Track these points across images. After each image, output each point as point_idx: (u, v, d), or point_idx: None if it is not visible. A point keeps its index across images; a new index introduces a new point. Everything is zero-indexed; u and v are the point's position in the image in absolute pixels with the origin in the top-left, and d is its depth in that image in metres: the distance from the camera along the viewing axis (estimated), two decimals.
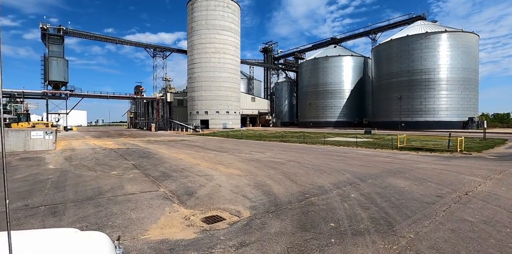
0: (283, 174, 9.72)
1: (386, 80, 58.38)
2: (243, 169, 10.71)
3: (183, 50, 70.23)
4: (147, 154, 15.54)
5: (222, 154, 15.94)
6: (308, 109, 76.22)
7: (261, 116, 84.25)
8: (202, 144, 23.09)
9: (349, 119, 70.48)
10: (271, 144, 23.42)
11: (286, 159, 13.60)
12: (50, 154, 14.94)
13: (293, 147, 20.46)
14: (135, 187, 7.90)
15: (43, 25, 54.19)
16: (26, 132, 16.37)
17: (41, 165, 11.33)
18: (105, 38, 62.12)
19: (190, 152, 17.07)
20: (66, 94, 57.22)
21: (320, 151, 17.49)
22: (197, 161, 12.91)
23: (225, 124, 58.53)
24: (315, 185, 8.02)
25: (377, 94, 62.40)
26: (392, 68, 57.21)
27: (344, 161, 12.64)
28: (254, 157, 14.32)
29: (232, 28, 59.54)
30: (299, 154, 15.77)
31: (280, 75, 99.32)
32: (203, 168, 10.98)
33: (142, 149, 18.95)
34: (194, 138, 32.02)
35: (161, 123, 64.52)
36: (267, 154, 15.60)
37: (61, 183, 8.28)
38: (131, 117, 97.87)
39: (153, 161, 12.94)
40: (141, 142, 25.67)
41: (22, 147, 16.31)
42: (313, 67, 75.02)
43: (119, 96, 63.77)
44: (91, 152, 15.95)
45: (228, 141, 27.49)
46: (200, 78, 58.38)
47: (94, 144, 22.17)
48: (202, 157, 14.57)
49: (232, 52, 59.78)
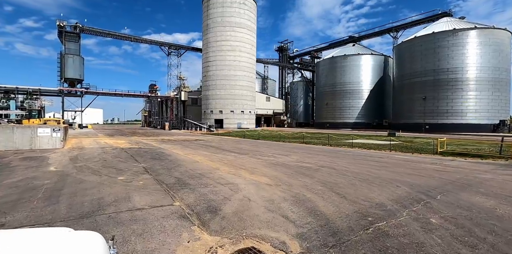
0: (323, 184, 7.98)
1: (409, 79, 55.51)
2: (271, 176, 9.04)
3: (198, 48, 69.26)
4: (160, 155, 14.10)
5: (242, 156, 14.32)
6: (325, 109, 73.86)
7: (276, 116, 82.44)
8: (218, 145, 21.58)
9: (367, 120, 67.74)
10: (293, 145, 21.66)
11: (317, 164, 11.84)
12: (56, 153, 13.72)
13: (317, 149, 18.64)
14: (145, 198, 6.36)
15: (60, 22, 54.20)
16: (32, 129, 15.26)
17: (41, 167, 10.00)
18: (120, 36, 61.78)
19: (206, 153, 15.54)
20: (82, 91, 57.12)
21: (350, 154, 15.62)
22: (215, 165, 11.33)
23: (239, 124, 57.05)
24: (372, 202, 6.26)
25: (398, 94, 59.54)
26: (415, 67, 54.32)
27: (387, 168, 10.78)
28: (279, 161, 12.63)
29: (248, 26, 58.00)
30: (329, 158, 13.97)
31: (295, 74, 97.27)
32: (224, 174, 9.38)
33: (155, 149, 17.57)
34: (209, 138, 30.60)
35: (175, 122, 63.73)
36: (293, 158, 13.88)
37: (56, 191, 6.82)
38: (145, 115, 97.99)
39: (166, 163, 11.44)
40: (154, 142, 24.41)
41: (28, 145, 15.20)
42: (330, 66, 72.63)
43: (134, 94, 63.39)
44: (100, 152, 14.65)
45: (245, 141, 25.90)
46: (215, 76, 57.10)
47: (105, 143, 20.99)
48: (220, 159, 12.99)
49: (248, 50, 58.23)
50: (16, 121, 28.48)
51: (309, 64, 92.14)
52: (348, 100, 69.13)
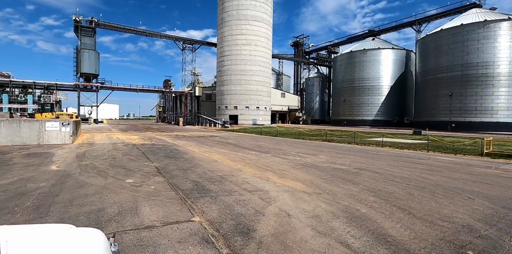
0: (373, 193, 6.45)
1: (434, 75, 52.49)
2: (305, 181, 7.57)
3: (213, 43, 68.09)
4: (174, 153, 12.84)
5: (265, 155, 12.89)
6: (342, 106, 71.43)
7: (291, 112, 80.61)
8: (236, 142, 20.23)
9: (387, 117, 64.98)
10: (315, 143, 20.06)
11: (353, 166, 10.28)
12: (63, 149, 12.70)
13: (344, 148, 17.00)
14: (156, 210, 5.03)
15: (76, 17, 54.04)
16: (40, 123, 14.32)
17: (42, 165, 8.90)
18: (135, 31, 61.26)
19: (224, 151, 14.20)
20: (97, 86, 57.04)
21: (384, 154, 13.94)
22: (237, 165, 9.95)
23: (254, 120, 55.64)
24: (453, 222, 4.70)
25: (421, 90, 56.57)
26: (441, 61, 51.25)
27: (439, 173, 9.11)
28: (307, 162, 11.13)
29: (264, 19, 56.19)
30: (363, 158, 12.35)
31: (311, 70, 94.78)
32: (249, 177, 7.98)
33: (169, 145, 16.39)
34: (225, 134, 29.35)
35: (189, 117, 63.01)
36: (321, 157, 12.34)
37: (50, 198, 5.59)
38: (159, 111, 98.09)
39: (181, 163, 10.15)
40: (168, 137, 23.34)
41: (36, 140, 14.29)
42: (348, 61, 70.00)
43: (148, 89, 62.99)
44: (110, 148, 13.55)
45: (263, 138, 24.47)
46: (229, 71, 55.74)
47: (117, 139, 20.01)
48: (241, 159, 11.61)
49: (264, 44, 56.51)
50: (29, 115, 28.15)
51: (326, 59, 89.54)
52: (367, 96, 66.47)
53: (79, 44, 55.36)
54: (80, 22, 54.49)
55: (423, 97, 55.57)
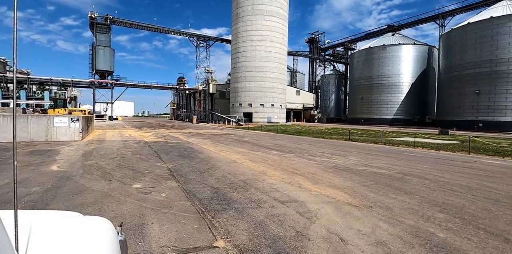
0: (439, 208, 5.09)
1: (459, 71, 49.67)
2: (346, 189, 6.28)
3: (227, 39, 67.13)
4: (189, 152, 11.76)
5: (288, 156, 11.63)
6: (360, 104, 69.12)
7: (306, 110, 78.84)
8: (253, 140, 19.04)
9: (408, 116, 62.36)
10: (338, 143, 18.63)
11: (393, 169, 8.90)
12: (70, 147, 11.83)
13: (372, 148, 15.53)
14: (167, 229, 3.87)
15: (92, 14, 54.10)
16: (48, 118, 13.54)
17: (42, 165, 7.95)
18: (149, 27, 60.94)
19: (242, 150, 13.03)
20: (112, 83, 57.08)
21: (420, 156, 12.41)
22: (259, 167, 8.75)
23: (269, 118, 54.33)
24: None
25: (445, 88, 53.79)
26: (467, 57, 48.41)
27: (503, 181, 7.62)
28: (338, 164, 9.81)
29: (280, 14, 54.61)
30: (400, 160, 10.91)
31: (326, 67, 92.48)
32: (276, 182, 6.76)
33: (182, 143, 15.36)
34: (240, 132, 28.24)
35: (202, 115, 62.36)
36: (352, 159, 10.98)
37: (37, 208, 4.53)
38: (173, 108, 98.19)
39: (197, 164, 9.02)
40: (182, 135, 22.40)
41: (44, 136, 13.53)
42: (366, 58, 67.56)
43: (162, 86, 62.71)
44: (120, 146, 12.61)
45: (281, 137, 23.19)
46: (244, 68, 54.54)
47: (129, 136, 19.18)
48: (263, 159, 10.40)
49: (280, 40, 54.98)
50: (41, 111, 28.00)
51: (342, 56, 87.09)
52: (386, 94, 63.98)
53: (95, 41, 55.47)
54: (96, 19, 54.54)
55: (447, 95, 52.80)
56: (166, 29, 62.38)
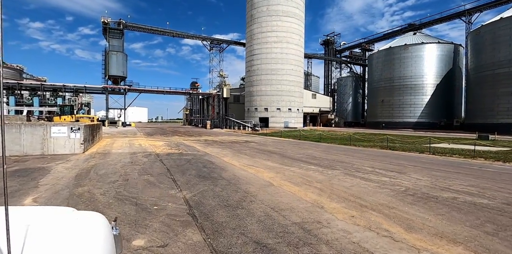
0: None
1: (492, 70, 46.04)
2: (469, 244, 3.89)
3: (241, 42, 65.46)
4: (209, 169, 9.55)
5: (332, 173, 9.25)
6: (380, 107, 65.79)
7: (322, 114, 75.93)
8: (278, 149, 16.72)
9: (433, 119, 58.66)
10: (377, 152, 16.08)
11: (489, 196, 6.42)
12: (67, 163, 9.83)
13: (424, 160, 12.94)
14: None
15: (104, 19, 53.48)
16: (44, 128, 11.59)
17: (16, 196, 5.86)
18: (162, 31, 59.95)
19: (272, 164, 10.74)
20: (125, 89, 56.12)
21: (498, 172, 9.80)
22: (307, 193, 6.44)
23: (286, 123, 51.88)
24: None
25: (475, 89, 50.12)
26: (500, 55, 44.81)
27: None
28: (405, 185, 7.39)
29: (297, 14, 52.44)
30: (479, 179, 8.38)
31: (343, 69, 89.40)
32: (348, 227, 4.44)
33: (200, 155, 13.20)
34: (259, 139, 25.98)
35: (216, 120, 60.52)
36: (418, 178, 8.52)
37: None
38: (186, 114, 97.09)
39: (223, 190, 6.79)
40: (197, 143, 20.33)
41: (39, 149, 11.61)
42: (386, 58, 64.39)
43: (176, 91, 61.41)
44: (126, 162, 10.51)
45: (307, 145, 20.78)
46: (259, 71, 52.46)
47: (139, 146, 17.18)
48: (304, 179, 8.08)
49: (296, 41, 52.72)
50: (46, 118, 26.60)
51: (360, 57, 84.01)
52: (409, 96, 60.53)
53: (107, 46, 54.79)
54: (109, 24, 53.89)
55: (478, 96, 49.09)
56: (179, 33, 61.25)
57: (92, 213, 1.45)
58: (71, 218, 1.33)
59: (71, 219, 1.32)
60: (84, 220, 1.33)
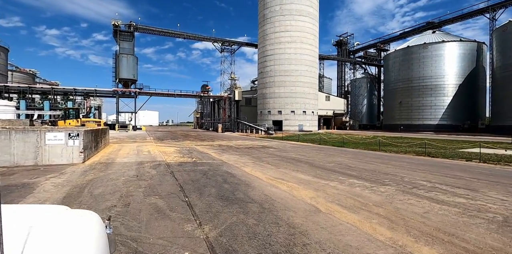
0: None
1: None
2: None
3: (253, 43, 64.04)
4: (232, 186, 7.78)
5: (386, 190, 7.35)
6: (398, 109, 63.02)
7: (337, 117, 73.50)
8: (302, 156, 14.84)
9: (455, 122, 55.59)
10: (416, 159, 14.01)
11: None
12: (59, 177, 8.20)
13: (485, 171, 10.86)
14: None
15: (115, 21, 52.89)
16: (38, 134, 10.05)
17: None
18: (173, 33, 59.09)
19: (305, 177, 8.90)
20: (135, 92, 55.26)
21: None
22: (375, 228, 4.60)
23: (301, 126, 49.84)
24: None
25: (502, 89, 47.07)
26: None
27: None
28: (501, 214, 5.45)
29: (310, 13, 50.59)
30: None
31: (357, 70, 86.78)
32: None
33: (216, 165, 11.47)
34: (276, 144, 24.15)
35: (227, 123, 59.02)
36: (504, 199, 6.54)
37: None
38: (197, 117, 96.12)
39: (258, 222, 5.00)
40: (211, 149, 18.65)
41: (32, 159, 10.05)
42: (404, 58, 61.74)
43: (186, 94, 60.32)
44: (130, 175, 8.81)
45: (331, 151, 18.82)
46: (273, 72, 50.70)
47: (148, 153, 15.57)
48: (356, 200, 6.22)
49: (310, 41, 50.80)
50: (50, 123, 25.37)
51: (375, 58, 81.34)
52: (429, 97, 57.65)
53: (118, 49, 54.16)
54: (119, 27, 53.29)
55: (505, 96, 46.03)
56: (190, 34, 60.23)
57: (86, 211, 1.44)
58: (65, 217, 1.31)
59: (64, 218, 1.30)
60: (77, 219, 1.32)
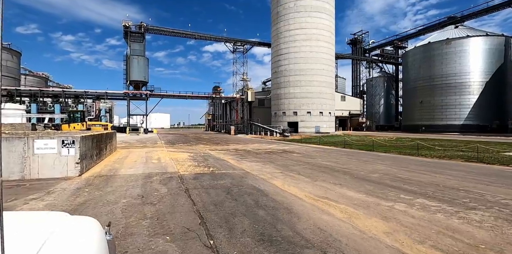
0: None
1: None
2: None
3: (265, 43, 62.20)
4: (270, 215, 5.86)
5: (478, 217, 5.29)
6: (418, 109, 59.87)
7: (353, 118, 70.88)
8: (332, 163, 12.78)
9: (482, 121, 52.18)
10: (472, 167, 11.76)
11: None
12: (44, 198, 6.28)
13: None
14: None
15: (125, 22, 52.06)
16: (25, 142, 8.07)
17: None
18: (184, 33, 57.90)
19: (356, 196, 6.91)
20: (146, 94, 54.22)
21: None
22: None
23: (317, 128, 47.57)
24: None
25: None
26: None
27: None
28: None
29: (327, 9, 48.39)
30: None
31: (373, 69, 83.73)
32: None
33: (239, 177, 9.57)
34: (297, 148, 22.13)
35: (240, 125, 57.27)
36: None
37: None
38: (208, 119, 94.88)
39: None
40: (227, 155, 16.81)
41: (18, 172, 8.17)
42: (425, 55, 58.67)
43: (198, 96, 58.96)
44: (135, 195, 6.92)
45: (361, 155, 16.67)
46: (287, 71, 48.66)
47: (158, 160, 13.80)
48: (453, 238, 4.21)
49: (327, 39, 48.56)
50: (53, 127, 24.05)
51: (392, 56, 78.27)
52: (453, 96, 54.39)
53: (129, 51, 53.27)
54: (130, 28, 52.43)
55: None
56: (201, 34, 58.88)
57: (86, 217, 1.43)
58: (65, 223, 1.31)
59: (64, 224, 1.30)
60: (78, 225, 1.32)
